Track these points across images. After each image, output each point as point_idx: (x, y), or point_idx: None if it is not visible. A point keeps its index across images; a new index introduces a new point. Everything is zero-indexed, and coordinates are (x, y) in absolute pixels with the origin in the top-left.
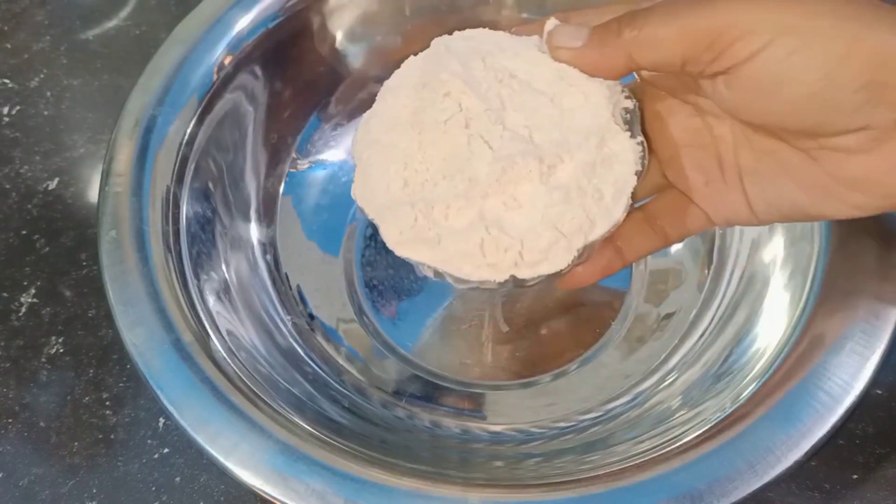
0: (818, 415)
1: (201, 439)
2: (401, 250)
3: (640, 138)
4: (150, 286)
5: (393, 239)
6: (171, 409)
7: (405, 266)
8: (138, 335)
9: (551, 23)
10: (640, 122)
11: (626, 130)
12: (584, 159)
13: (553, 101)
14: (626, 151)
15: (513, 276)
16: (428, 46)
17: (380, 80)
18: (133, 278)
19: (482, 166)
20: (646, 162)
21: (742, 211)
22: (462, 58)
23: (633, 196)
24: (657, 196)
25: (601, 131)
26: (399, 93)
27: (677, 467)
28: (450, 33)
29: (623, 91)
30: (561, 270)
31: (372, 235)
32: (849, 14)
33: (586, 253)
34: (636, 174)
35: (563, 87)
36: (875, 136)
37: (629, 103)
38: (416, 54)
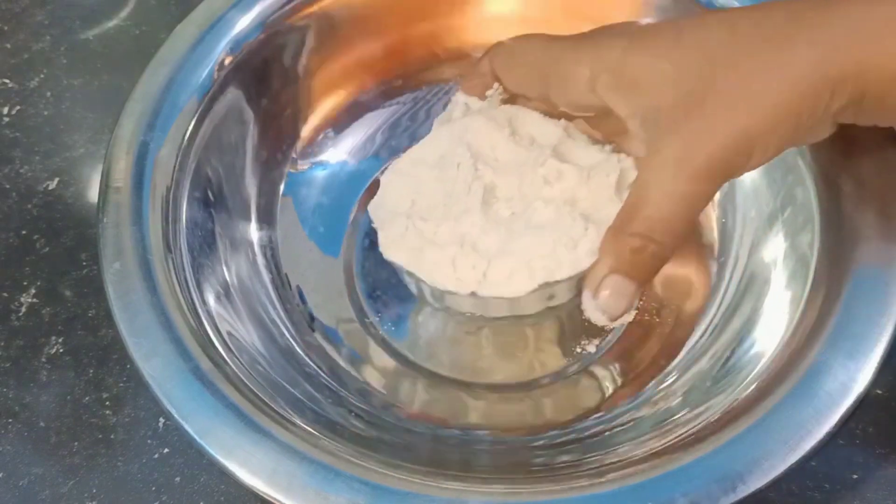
0: (818, 415)
1: (201, 439)
2: (387, 253)
3: None
4: (151, 284)
5: (383, 242)
6: (170, 409)
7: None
8: (136, 328)
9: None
10: None
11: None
12: (570, 210)
13: (572, 169)
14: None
15: (473, 294)
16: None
17: (380, 82)
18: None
19: (478, 203)
20: None
21: None
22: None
23: None
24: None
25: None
26: (435, 138)
27: (668, 472)
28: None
29: (630, 161)
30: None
31: (371, 235)
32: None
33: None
34: None
35: (584, 157)
36: None
37: (633, 174)
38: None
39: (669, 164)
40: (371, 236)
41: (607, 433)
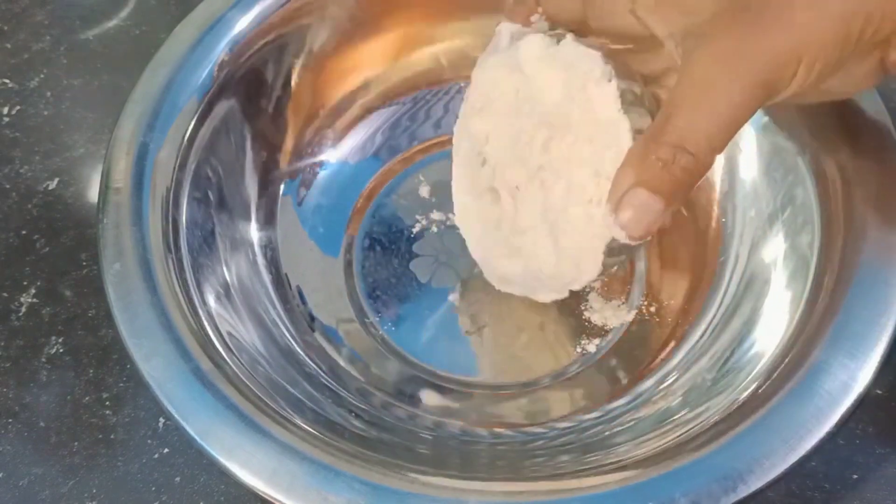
0: (818, 414)
1: (201, 439)
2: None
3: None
4: (151, 284)
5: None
6: (170, 409)
7: (406, 268)
8: (136, 328)
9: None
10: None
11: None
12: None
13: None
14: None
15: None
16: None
17: (380, 82)
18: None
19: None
20: None
21: None
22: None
23: None
24: None
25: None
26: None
27: (668, 472)
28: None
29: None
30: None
31: (371, 235)
32: None
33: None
34: None
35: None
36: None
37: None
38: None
39: (705, 70)
40: (371, 236)
41: (607, 433)
